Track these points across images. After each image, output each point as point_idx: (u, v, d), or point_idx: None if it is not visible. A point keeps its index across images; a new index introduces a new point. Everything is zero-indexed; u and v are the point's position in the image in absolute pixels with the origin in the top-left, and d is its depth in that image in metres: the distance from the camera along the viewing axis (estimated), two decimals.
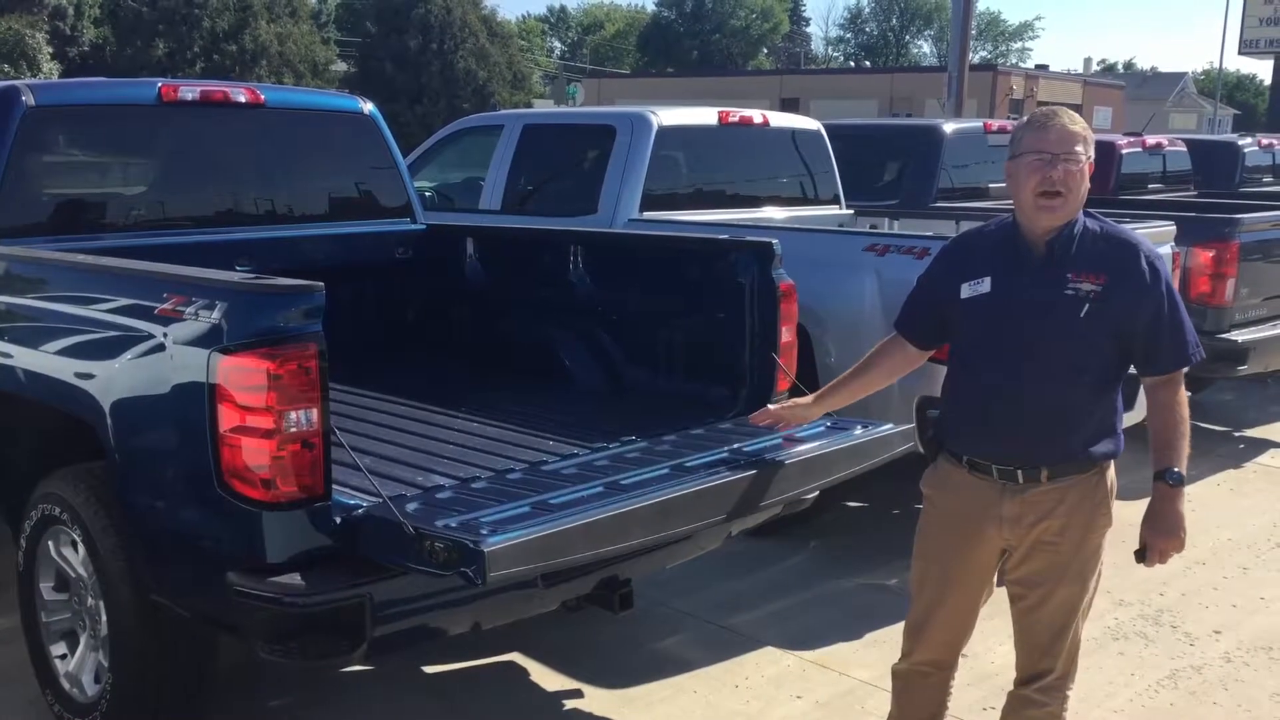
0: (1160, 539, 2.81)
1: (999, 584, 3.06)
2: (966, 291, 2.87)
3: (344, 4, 50.34)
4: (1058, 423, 2.82)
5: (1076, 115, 2.82)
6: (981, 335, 2.88)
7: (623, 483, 3.10)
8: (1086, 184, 2.77)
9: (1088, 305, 2.73)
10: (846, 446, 3.56)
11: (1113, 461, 2.96)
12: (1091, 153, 2.78)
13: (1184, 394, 2.83)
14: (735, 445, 3.49)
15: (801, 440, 3.55)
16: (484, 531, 2.64)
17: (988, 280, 2.85)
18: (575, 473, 3.29)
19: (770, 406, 3.45)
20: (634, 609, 3.64)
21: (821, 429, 3.64)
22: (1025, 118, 2.89)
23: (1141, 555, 2.87)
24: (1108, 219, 2.89)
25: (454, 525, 2.72)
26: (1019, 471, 2.85)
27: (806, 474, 3.43)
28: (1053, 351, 2.79)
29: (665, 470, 3.22)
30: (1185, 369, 2.83)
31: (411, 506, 2.94)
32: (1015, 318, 2.80)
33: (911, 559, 3.14)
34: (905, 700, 3.26)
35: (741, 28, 75.01)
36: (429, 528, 2.69)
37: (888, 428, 3.71)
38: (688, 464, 3.28)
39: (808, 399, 3.30)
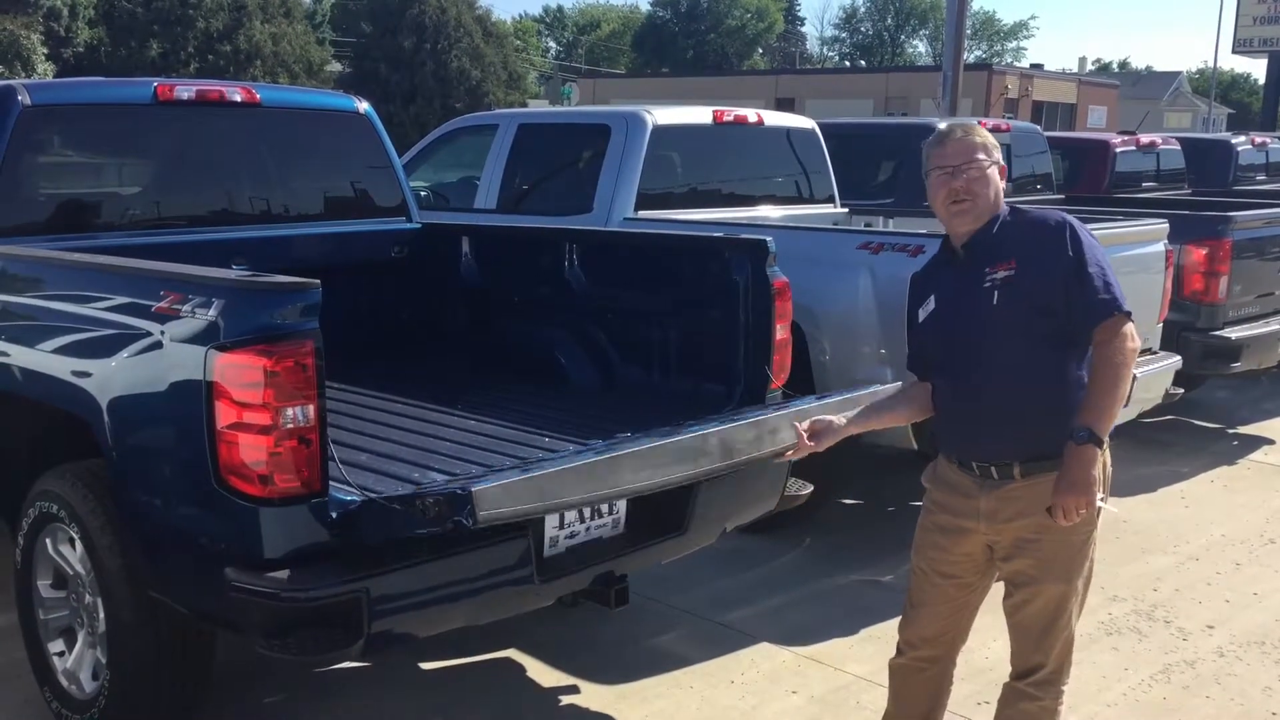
0: (1062, 496, 2.79)
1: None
2: (922, 315, 3.06)
3: (338, 4, 50.28)
4: (1018, 418, 2.87)
5: (975, 126, 3.00)
6: (937, 347, 3.04)
7: (602, 445, 3.24)
8: (997, 184, 2.90)
9: (998, 292, 2.83)
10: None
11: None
12: (997, 157, 2.93)
13: (1118, 357, 2.78)
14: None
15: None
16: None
17: (932, 299, 3.03)
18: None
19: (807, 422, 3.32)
20: (630, 605, 3.66)
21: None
22: (930, 137, 3.01)
23: (1050, 512, 2.84)
24: (1029, 207, 3.01)
25: (441, 482, 2.82)
26: (993, 468, 2.93)
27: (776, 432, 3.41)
28: (988, 347, 2.87)
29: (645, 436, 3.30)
30: (1116, 327, 2.78)
31: (403, 490, 2.99)
32: (952, 323, 2.96)
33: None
34: (901, 695, 3.29)
35: (737, 27, 75.04)
36: (419, 489, 2.80)
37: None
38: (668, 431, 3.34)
39: (841, 419, 3.25)
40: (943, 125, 3.03)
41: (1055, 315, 2.81)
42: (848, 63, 77.54)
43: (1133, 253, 5.80)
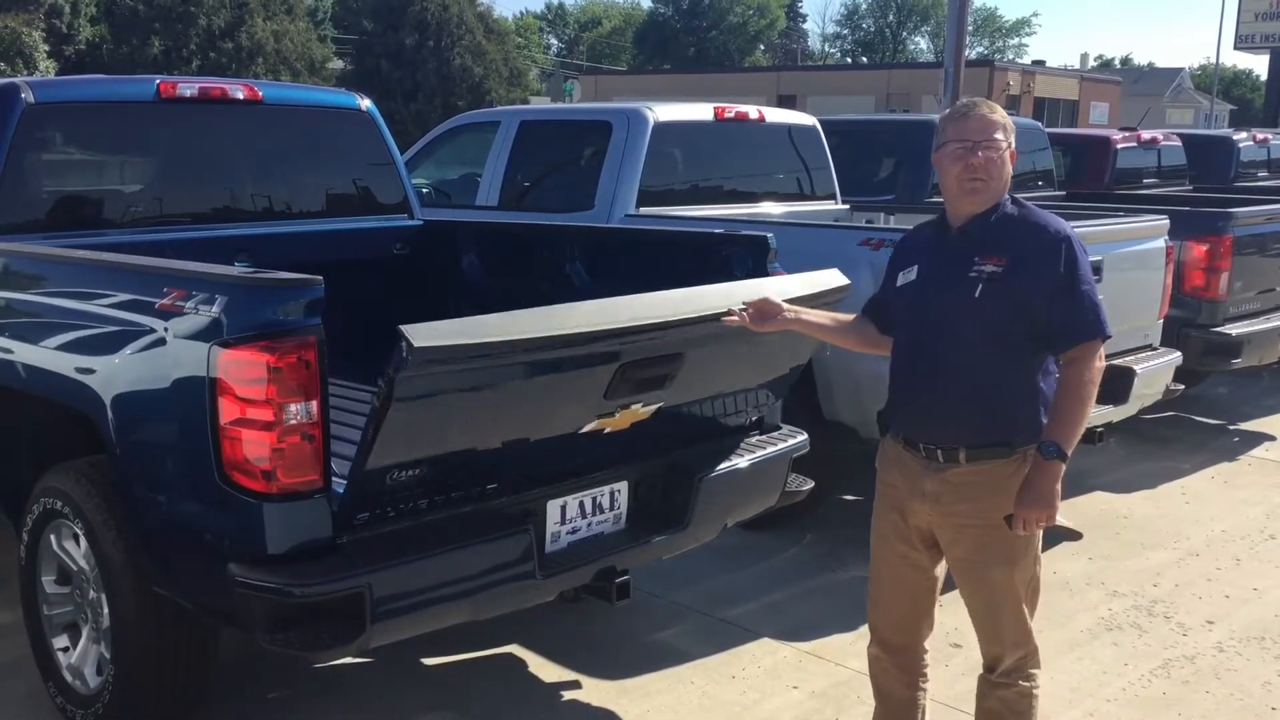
0: (1025, 509, 2.82)
1: None
2: (900, 280, 3.06)
3: (340, 1, 50.28)
4: (973, 405, 2.89)
5: (996, 105, 2.96)
6: (906, 318, 3.03)
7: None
8: (1009, 169, 2.89)
9: (982, 285, 2.83)
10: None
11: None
12: (1012, 141, 2.90)
13: (1089, 375, 2.81)
14: None
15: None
16: None
17: (915, 269, 3.02)
18: None
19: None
20: (631, 600, 3.66)
21: None
22: (948, 110, 3.02)
23: (1009, 522, 2.86)
24: (1032, 204, 2.98)
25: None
26: (939, 450, 2.95)
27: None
28: (960, 332, 2.88)
29: None
30: (1093, 349, 2.83)
31: None
32: (929, 300, 2.95)
33: None
34: (880, 684, 3.30)
35: (738, 24, 75.00)
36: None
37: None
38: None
39: (791, 312, 3.21)
40: (963, 100, 3.01)
41: (1033, 320, 2.82)
42: (849, 59, 77.50)
43: (1133, 249, 5.80)
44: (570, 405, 3.22)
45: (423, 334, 2.62)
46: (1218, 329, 6.85)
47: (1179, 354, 6.30)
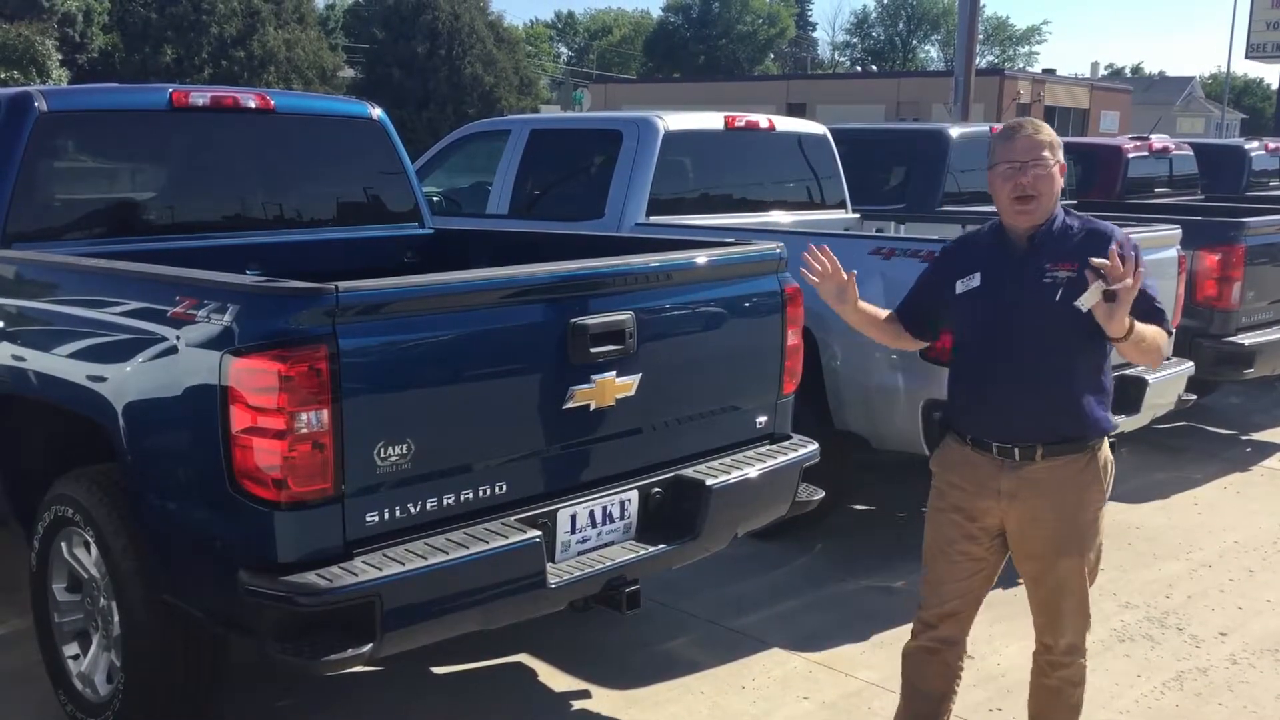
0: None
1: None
2: (960, 288, 3.15)
3: (351, 10, 50.47)
4: (1049, 404, 3.04)
5: (1043, 124, 3.11)
6: (976, 325, 3.16)
7: None
8: (1059, 184, 3.05)
9: (1061, 290, 2.96)
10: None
11: (1105, 441, 3.14)
12: (1060, 157, 3.06)
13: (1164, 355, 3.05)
14: None
15: None
16: None
17: (978, 275, 3.13)
18: None
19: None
20: (641, 609, 3.66)
21: None
22: (997, 132, 3.15)
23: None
24: (1087, 215, 3.16)
25: None
26: (1015, 450, 3.07)
27: None
28: (1037, 336, 3.03)
29: None
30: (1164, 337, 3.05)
31: None
32: (1002, 307, 3.06)
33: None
34: (916, 680, 3.37)
35: (748, 33, 75.06)
36: None
37: None
38: None
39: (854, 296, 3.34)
40: (1010, 121, 3.16)
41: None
42: (859, 68, 77.49)
43: (1146, 258, 5.76)
44: (532, 367, 3.28)
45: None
46: (1230, 339, 6.82)
47: (1191, 364, 6.27)
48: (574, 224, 6.07)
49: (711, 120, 6.61)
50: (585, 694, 4.07)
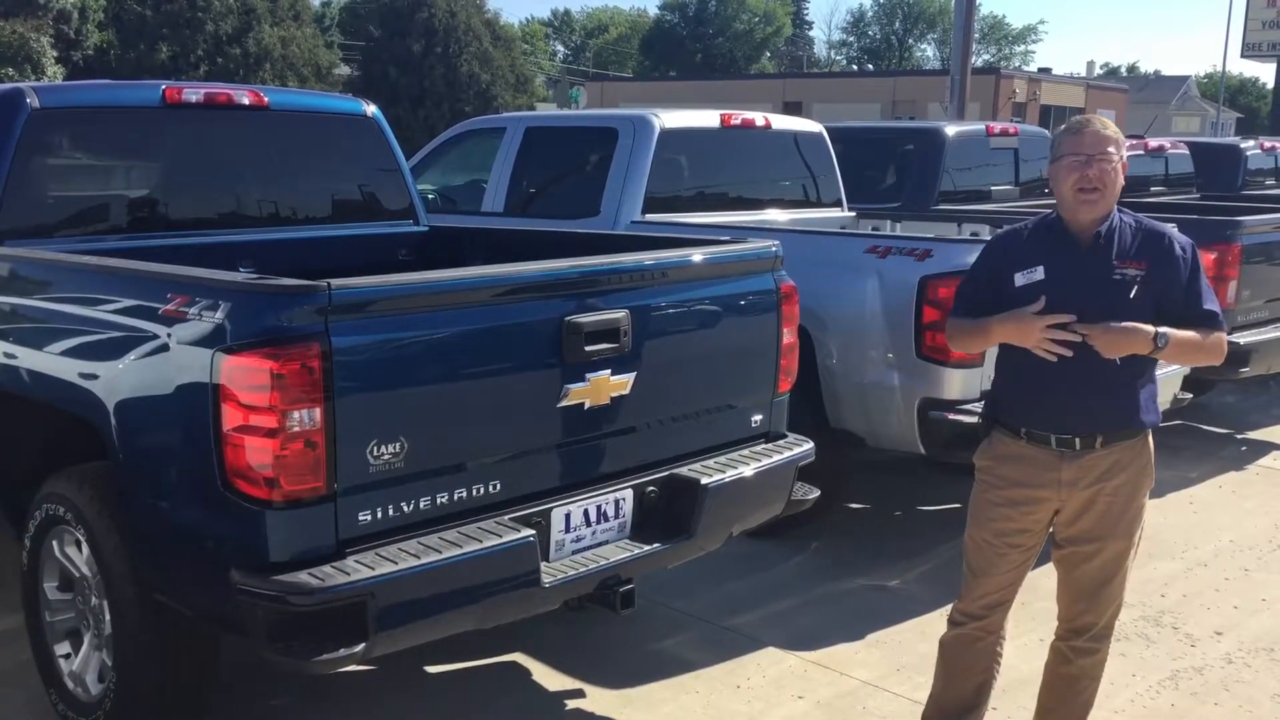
0: (1110, 331, 3.04)
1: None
2: (1020, 280, 3.16)
3: (347, 7, 50.40)
4: (1112, 394, 3.14)
5: (1109, 121, 3.18)
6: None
7: None
8: (1121, 181, 3.12)
9: (1136, 287, 3.07)
10: None
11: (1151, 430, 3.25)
12: (1124, 154, 3.13)
13: (1218, 350, 3.19)
14: None
15: None
16: None
17: (1040, 269, 3.15)
18: None
19: None
20: (635, 608, 3.65)
21: None
22: (1064, 126, 3.22)
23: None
24: (1143, 216, 3.26)
25: None
26: (1076, 440, 3.15)
27: None
28: None
29: None
30: (1222, 336, 3.20)
31: None
32: (1071, 300, 3.09)
33: (966, 528, 3.37)
34: (956, 669, 3.44)
35: (744, 31, 75.06)
36: None
37: None
38: None
39: None
40: (1077, 118, 3.23)
41: (1167, 316, 3.10)
42: (855, 66, 77.47)
43: None
44: (527, 365, 3.26)
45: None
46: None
47: None
48: (569, 222, 6.06)
49: (708, 118, 6.59)
50: (579, 693, 4.06)
